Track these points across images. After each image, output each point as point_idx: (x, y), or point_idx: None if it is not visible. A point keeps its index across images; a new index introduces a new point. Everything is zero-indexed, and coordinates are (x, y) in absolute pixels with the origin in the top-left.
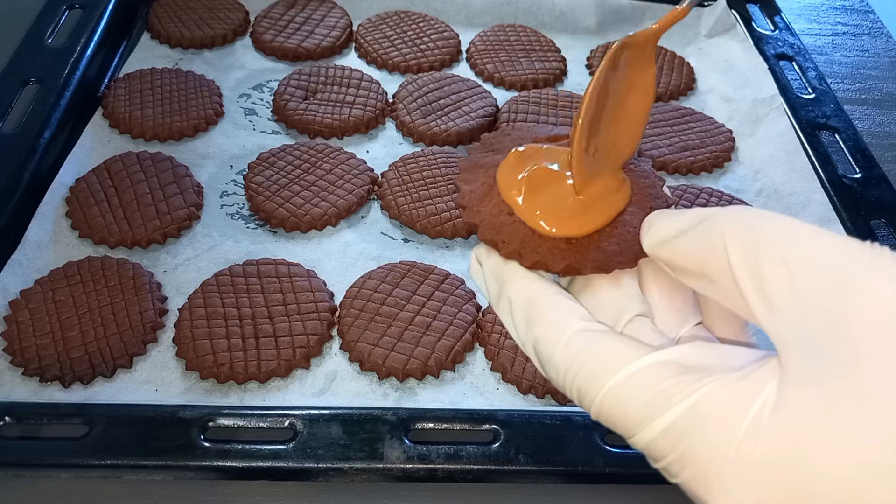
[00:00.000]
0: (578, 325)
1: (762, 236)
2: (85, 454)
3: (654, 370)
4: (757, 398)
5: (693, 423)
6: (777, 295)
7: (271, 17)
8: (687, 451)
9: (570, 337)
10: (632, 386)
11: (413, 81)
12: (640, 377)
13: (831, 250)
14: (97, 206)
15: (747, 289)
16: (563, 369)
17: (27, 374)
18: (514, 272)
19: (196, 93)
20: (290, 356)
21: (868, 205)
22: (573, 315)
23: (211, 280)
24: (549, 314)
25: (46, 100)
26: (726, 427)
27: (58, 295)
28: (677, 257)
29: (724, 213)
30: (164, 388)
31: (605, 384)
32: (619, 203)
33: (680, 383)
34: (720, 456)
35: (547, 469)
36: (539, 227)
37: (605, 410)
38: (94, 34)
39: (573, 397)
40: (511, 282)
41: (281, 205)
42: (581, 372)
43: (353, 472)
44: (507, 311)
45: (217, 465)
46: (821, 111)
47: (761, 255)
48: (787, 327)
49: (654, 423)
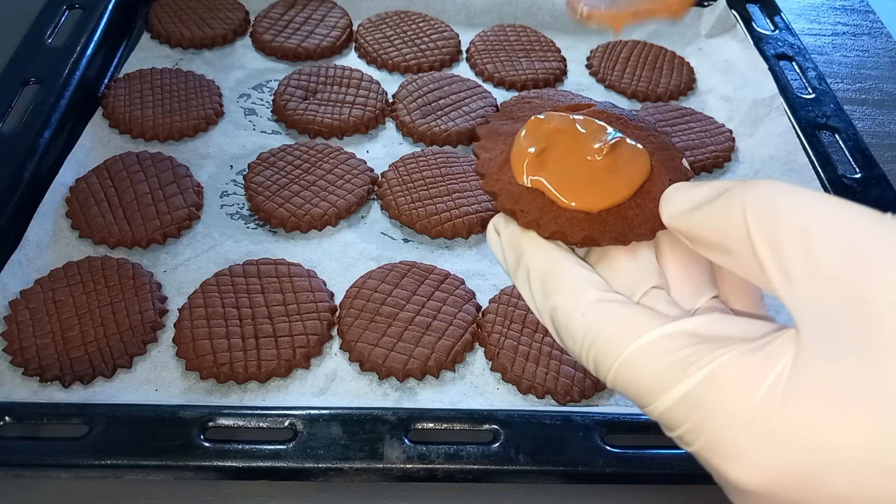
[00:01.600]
0: (595, 294)
1: (781, 208)
2: (85, 454)
3: (671, 339)
4: (773, 368)
5: (709, 391)
6: (795, 267)
7: (271, 17)
8: (702, 420)
9: (587, 306)
10: (648, 355)
11: (413, 81)
12: (657, 346)
13: (851, 223)
14: (97, 206)
15: (766, 260)
16: (580, 338)
17: (27, 374)
18: (532, 242)
19: (196, 93)
20: (290, 356)
21: (868, 205)
22: (590, 285)
23: (211, 280)
24: (567, 284)
25: (46, 100)
26: (742, 396)
27: (58, 295)
28: (696, 229)
29: (744, 186)
30: (164, 388)
31: (622, 353)
32: (639, 176)
33: (696, 352)
34: (735, 424)
35: (547, 469)
36: (558, 200)
37: (620, 379)
38: (94, 34)
39: (589, 366)
40: (529, 251)
41: (281, 205)
42: (597, 341)
43: (353, 472)
44: (525, 280)
45: (217, 465)
46: (821, 111)
47: (780, 226)
48: (805, 299)
49: (671, 391)
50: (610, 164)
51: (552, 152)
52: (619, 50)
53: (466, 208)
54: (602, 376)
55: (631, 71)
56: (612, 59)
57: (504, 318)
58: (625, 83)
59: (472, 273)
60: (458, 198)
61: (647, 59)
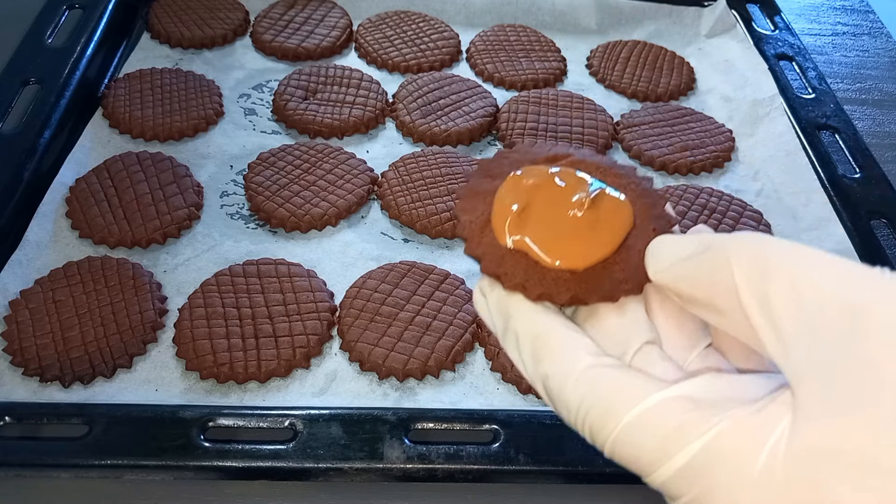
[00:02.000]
0: (588, 360)
1: (771, 265)
2: (85, 454)
3: (668, 406)
4: (773, 433)
5: (709, 461)
6: (787, 325)
7: (271, 17)
8: (705, 491)
9: (579, 373)
10: (645, 424)
11: (413, 81)
12: (654, 414)
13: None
14: (97, 206)
15: (756, 319)
16: (575, 407)
17: (27, 374)
18: (519, 305)
19: (196, 93)
20: (290, 356)
21: (868, 205)
22: (582, 350)
23: (211, 280)
24: (557, 350)
25: (46, 100)
26: (743, 465)
27: (58, 295)
28: (684, 286)
29: (730, 241)
30: (164, 388)
31: (618, 423)
32: (622, 229)
33: (694, 420)
34: (737, 494)
35: (547, 469)
36: (541, 260)
37: (618, 449)
38: (94, 34)
39: (585, 435)
40: (516, 315)
41: (281, 205)
42: (592, 410)
43: (352, 472)
44: (515, 346)
45: (217, 465)
46: (821, 111)
47: (770, 284)
48: (798, 358)
49: (670, 461)
50: (592, 218)
51: (533, 210)
52: (619, 50)
53: None
54: (599, 447)
55: (631, 71)
56: (611, 59)
57: None
58: (625, 83)
59: (473, 273)
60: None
61: (647, 59)
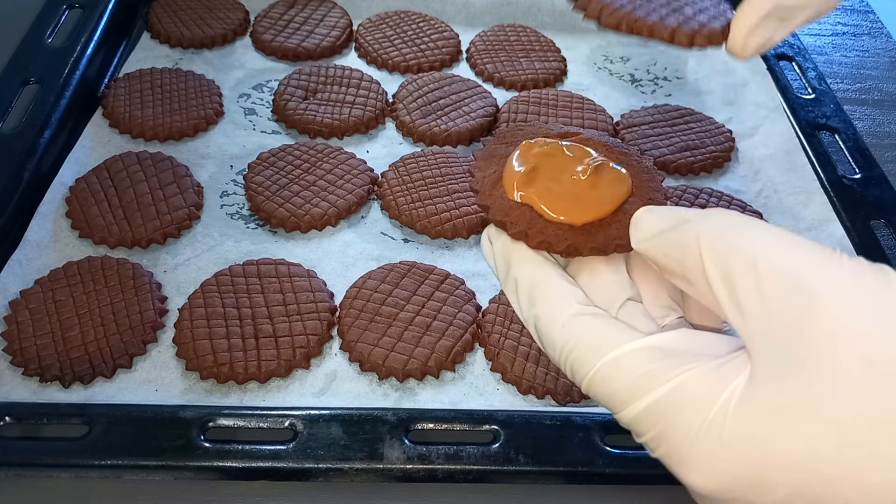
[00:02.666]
0: (576, 307)
1: (734, 244)
2: (85, 454)
3: (640, 354)
4: (728, 386)
5: (671, 405)
6: (746, 300)
7: (271, 16)
8: (664, 430)
9: (567, 318)
10: (619, 367)
11: (413, 81)
12: (627, 359)
13: (796, 258)
14: (97, 205)
15: (720, 293)
16: (560, 347)
17: (27, 374)
18: (521, 254)
19: (196, 93)
20: (290, 356)
21: (868, 205)
22: (572, 298)
23: (211, 280)
24: (550, 296)
25: (46, 99)
26: (699, 411)
27: (58, 295)
28: (659, 256)
29: (700, 219)
30: (164, 388)
31: (596, 364)
32: (619, 195)
33: (663, 367)
34: (692, 435)
35: (547, 469)
36: (544, 213)
37: (593, 387)
38: (94, 34)
39: (567, 373)
40: (517, 262)
41: (281, 205)
42: (574, 351)
43: (352, 473)
44: (514, 289)
45: (217, 466)
46: (821, 111)
47: (732, 262)
48: (754, 329)
49: (637, 402)
50: (593, 183)
51: (541, 172)
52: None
53: (467, 208)
54: (578, 383)
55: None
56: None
57: (504, 318)
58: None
59: (472, 273)
60: (458, 198)
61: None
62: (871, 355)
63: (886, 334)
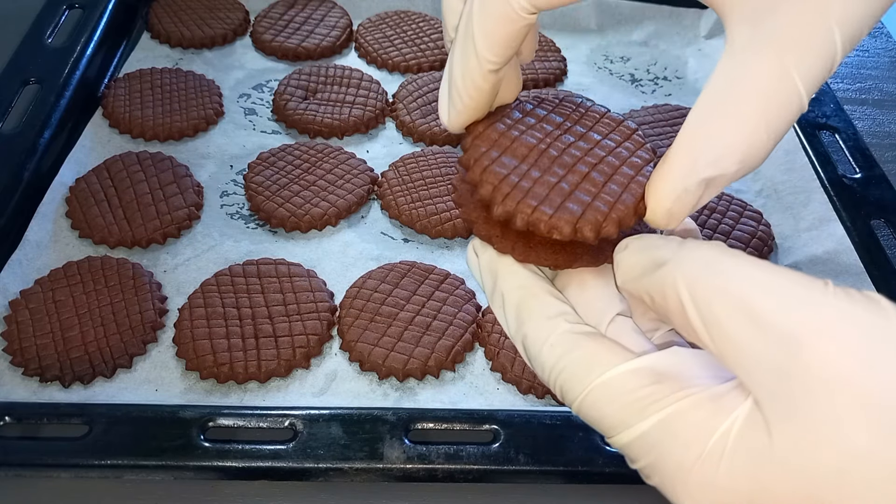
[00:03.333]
0: (564, 326)
1: (714, 287)
2: (85, 454)
3: (632, 377)
4: (723, 422)
5: (664, 435)
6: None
7: (271, 16)
8: (657, 460)
9: (556, 338)
10: (610, 391)
11: (413, 81)
12: (618, 383)
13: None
14: (97, 206)
15: (706, 340)
16: (549, 368)
17: (27, 374)
18: (507, 268)
19: (196, 93)
20: (290, 356)
21: (868, 205)
22: (560, 316)
23: (211, 280)
24: (538, 313)
25: (46, 100)
26: (694, 444)
27: (58, 295)
28: (646, 300)
29: (677, 261)
30: (164, 388)
31: (586, 387)
32: None
33: (654, 393)
34: (686, 468)
35: (547, 469)
36: None
37: (584, 411)
38: (94, 34)
39: (557, 394)
40: (504, 277)
41: (281, 205)
42: (564, 372)
43: (352, 473)
44: (500, 305)
45: (217, 465)
46: (820, 111)
47: (714, 308)
48: (746, 372)
49: (629, 430)
50: None
51: None
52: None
53: None
54: (568, 404)
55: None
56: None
57: None
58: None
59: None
60: None
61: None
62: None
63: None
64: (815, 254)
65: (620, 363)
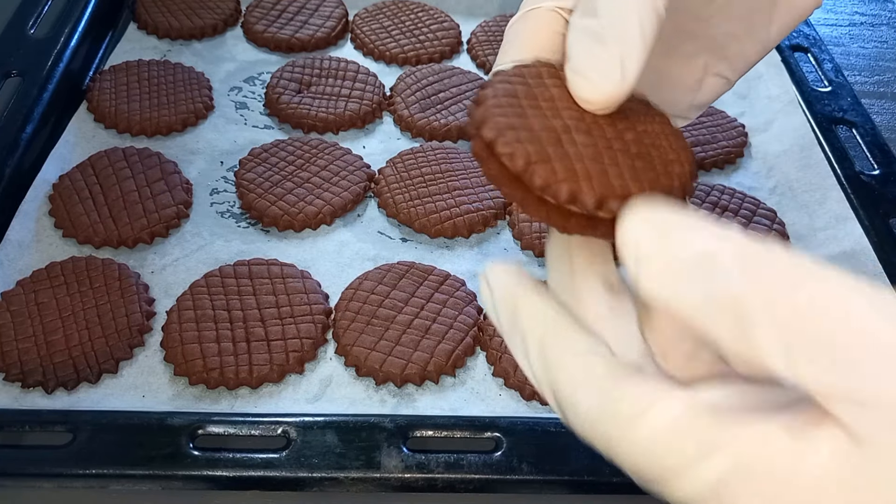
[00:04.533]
0: (601, 368)
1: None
2: (69, 463)
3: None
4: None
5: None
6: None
7: (263, 6)
8: None
9: (593, 382)
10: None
11: (411, 74)
12: (673, 425)
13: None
14: (81, 203)
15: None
16: (589, 418)
17: (8, 380)
18: (528, 300)
19: (185, 86)
20: (283, 361)
21: (886, 202)
22: (595, 355)
23: (200, 281)
24: (569, 355)
25: (29, 93)
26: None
27: (40, 297)
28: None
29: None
30: (151, 394)
31: (636, 433)
32: None
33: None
34: None
35: (551, 479)
36: None
37: (632, 461)
38: (79, 24)
39: (599, 447)
40: (524, 312)
41: (273, 202)
42: (608, 422)
43: (348, 482)
44: (521, 348)
45: (207, 475)
46: (837, 105)
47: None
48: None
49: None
50: None
51: None
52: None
53: (467, 206)
54: (613, 458)
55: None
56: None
57: None
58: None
59: (474, 274)
60: (458, 195)
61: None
62: None
63: None
64: (832, 254)
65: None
